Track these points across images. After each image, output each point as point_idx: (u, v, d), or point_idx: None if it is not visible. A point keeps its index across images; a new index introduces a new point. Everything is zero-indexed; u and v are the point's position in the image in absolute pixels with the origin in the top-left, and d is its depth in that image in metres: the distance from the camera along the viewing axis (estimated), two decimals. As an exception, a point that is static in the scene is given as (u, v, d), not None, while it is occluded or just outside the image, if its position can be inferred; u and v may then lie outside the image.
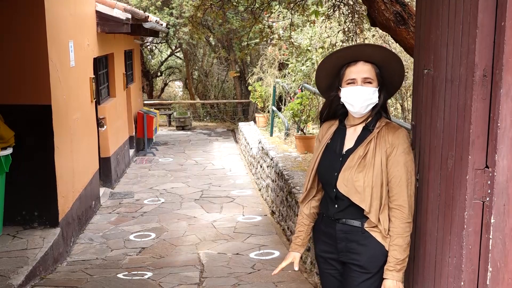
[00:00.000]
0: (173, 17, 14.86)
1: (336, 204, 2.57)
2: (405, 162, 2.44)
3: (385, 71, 2.55)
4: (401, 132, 2.50)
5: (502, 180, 1.81)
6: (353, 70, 2.51)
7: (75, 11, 6.73)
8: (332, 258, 2.65)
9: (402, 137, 2.48)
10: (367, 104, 2.50)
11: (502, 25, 1.75)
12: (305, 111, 8.69)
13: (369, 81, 2.50)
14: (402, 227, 2.43)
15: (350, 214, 2.53)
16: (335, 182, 2.53)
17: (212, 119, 18.06)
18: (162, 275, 5.28)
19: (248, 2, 7.23)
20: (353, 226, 2.53)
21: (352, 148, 2.55)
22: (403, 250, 2.43)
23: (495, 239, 1.85)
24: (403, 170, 2.43)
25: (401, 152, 2.44)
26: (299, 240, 2.81)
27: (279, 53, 12.00)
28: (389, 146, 2.46)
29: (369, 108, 2.52)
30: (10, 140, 5.30)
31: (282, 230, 6.80)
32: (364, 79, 2.49)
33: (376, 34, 8.78)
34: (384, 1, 4.21)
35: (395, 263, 2.43)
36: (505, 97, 1.77)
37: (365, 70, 2.50)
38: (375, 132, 2.51)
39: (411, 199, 2.44)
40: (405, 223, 2.43)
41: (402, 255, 2.43)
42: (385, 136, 2.49)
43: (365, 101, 2.49)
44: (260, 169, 9.05)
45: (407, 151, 2.46)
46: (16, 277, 4.60)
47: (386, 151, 2.46)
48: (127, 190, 8.97)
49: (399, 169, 2.43)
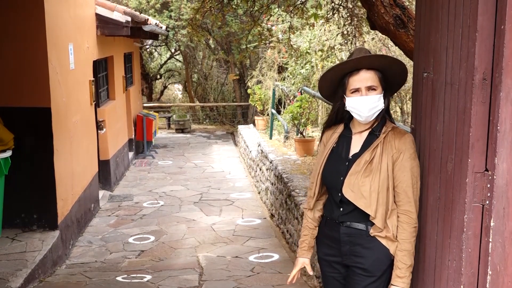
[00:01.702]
0: (172, 19, 14.88)
1: (341, 208, 2.56)
2: (411, 168, 2.43)
3: (387, 73, 2.55)
4: (407, 137, 2.49)
5: (501, 183, 1.81)
6: (356, 79, 2.50)
7: (75, 13, 6.73)
8: (335, 261, 2.64)
9: (409, 143, 2.47)
10: (373, 112, 2.50)
11: (501, 28, 1.75)
12: (305, 114, 8.69)
13: (373, 88, 2.49)
14: (410, 232, 2.43)
15: (354, 218, 2.52)
16: (341, 186, 2.52)
17: (212, 122, 18.06)
18: (161, 278, 5.27)
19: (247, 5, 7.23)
20: (358, 229, 2.52)
21: (358, 153, 2.54)
22: (411, 255, 2.43)
23: (495, 243, 1.85)
24: (409, 176, 2.43)
25: (408, 157, 2.44)
26: (305, 245, 2.79)
27: (278, 56, 12.01)
28: (395, 152, 2.46)
29: (376, 114, 2.52)
30: (9, 143, 5.29)
31: (282, 233, 6.80)
32: (368, 87, 2.49)
33: (376, 37, 8.79)
34: (384, 4, 4.21)
35: (405, 269, 2.42)
36: (505, 100, 1.77)
37: (367, 78, 2.49)
38: (382, 137, 2.50)
39: (417, 204, 2.44)
40: (413, 228, 2.43)
41: (411, 260, 2.43)
42: (391, 142, 2.48)
43: (371, 110, 2.49)
44: (259, 172, 9.05)
45: (413, 157, 2.45)
46: (15, 280, 4.59)
47: (392, 156, 2.46)
48: (126, 193, 8.96)
49: (405, 174, 2.43)
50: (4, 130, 5.29)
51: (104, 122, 8.62)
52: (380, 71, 2.52)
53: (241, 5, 7.89)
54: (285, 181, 6.72)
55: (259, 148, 9.48)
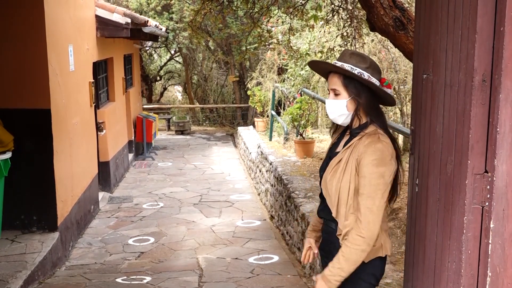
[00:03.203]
0: (172, 21, 14.89)
1: (322, 203, 2.64)
2: (368, 174, 2.37)
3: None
4: (372, 143, 2.40)
5: (501, 185, 1.81)
6: (328, 81, 2.55)
7: (74, 15, 6.74)
8: (325, 256, 2.68)
9: (372, 149, 2.39)
10: (338, 115, 2.52)
11: (501, 30, 1.76)
12: (304, 115, 8.69)
13: (337, 93, 2.49)
14: (353, 238, 2.37)
15: (328, 214, 2.56)
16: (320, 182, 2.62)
17: (211, 123, 18.06)
18: (161, 280, 5.27)
19: (247, 7, 7.24)
20: (331, 227, 2.57)
21: (338, 151, 2.57)
22: (344, 261, 2.36)
23: (495, 244, 1.85)
24: (364, 183, 2.38)
25: (366, 163, 2.38)
26: (311, 226, 2.85)
27: (278, 57, 12.02)
28: (359, 155, 2.42)
29: (342, 118, 2.52)
30: (9, 144, 5.29)
31: (281, 235, 6.79)
32: (333, 90, 2.50)
33: (375, 39, 8.80)
34: (383, 6, 4.21)
35: (331, 267, 2.40)
36: (504, 102, 1.77)
37: (333, 82, 2.50)
38: (356, 139, 2.48)
39: (371, 215, 2.35)
40: (356, 236, 2.36)
41: (341, 265, 2.37)
42: (359, 145, 2.45)
43: (334, 113, 2.52)
44: (259, 174, 9.05)
45: (375, 164, 2.37)
46: (14, 282, 4.59)
47: (357, 159, 2.43)
48: (126, 194, 8.96)
49: (361, 180, 2.40)
50: (4, 131, 5.29)
51: (104, 123, 8.62)
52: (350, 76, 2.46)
53: (241, 7, 7.90)
54: (285, 183, 6.72)
55: (259, 149, 9.49)
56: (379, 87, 2.49)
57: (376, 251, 2.48)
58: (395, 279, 3.90)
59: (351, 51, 2.56)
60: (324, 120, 10.66)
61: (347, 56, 2.51)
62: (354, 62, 2.48)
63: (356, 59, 2.49)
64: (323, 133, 10.28)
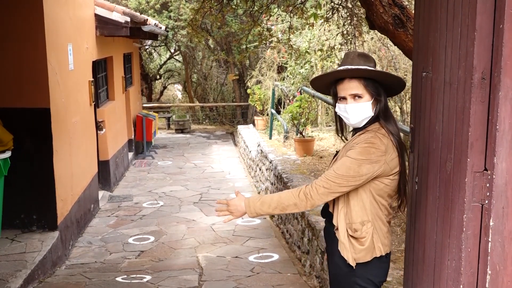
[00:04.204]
0: (172, 20, 14.88)
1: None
2: (348, 155, 2.41)
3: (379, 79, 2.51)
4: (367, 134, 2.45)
5: (501, 183, 1.81)
6: (341, 88, 2.51)
7: (74, 14, 6.73)
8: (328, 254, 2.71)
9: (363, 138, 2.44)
10: (362, 119, 2.50)
11: (500, 27, 1.75)
12: (304, 114, 8.69)
13: (358, 96, 2.47)
14: (298, 190, 2.42)
15: (328, 215, 2.59)
16: None
17: (211, 122, 18.06)
18: (161, 279, 5.27)
19: (247, 5, 7.23)
20: (331, 229, 2.58)
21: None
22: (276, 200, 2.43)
23: (494, 242, 1.84)
24: (341, 161, 2.42)
25: (353, 147, 2.43)
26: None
27: (278, 56, 12.01)
28: (352, 145, 2.46)
29: (365, 121, 2.51)
30: (8, 144, 5.29)
31: (281, 233, 6.80)
32: (353, 95, 2.47)
33: (375, 37, 8.79)
34: (383, 4, 4.21)
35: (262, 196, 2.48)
36: (504, 99, 1.76)
37: (351, 87, 2.47)
38: (357, 134, 2.51)
39: (324, 187, 2.39)
40: (302, 193, 2.40)
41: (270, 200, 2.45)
42: (356, 138, 2.48)
43: (359, 117, 2.49)
44: (259, 172, 9.05)
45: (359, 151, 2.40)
46: (14, 281, 4.59)
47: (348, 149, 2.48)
48: (126, 193, 8.96)
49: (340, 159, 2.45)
50: (4, 130, 5.28)
51: (104, 122, 8.62)
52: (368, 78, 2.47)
53: (241, 5, 7.89)
54: (284, 181, 6.72)
55: (258, 148, 9.48)
56: (392, 74, 2.51)
57: (367, 251, 2.47)
58: (395, 277, 3.90)
59: (354, 53, 2.55)
60: (324, 118, 10.66)
61: (355, 59, 2.49)
62: (363, 62, 2.48)
63: (363, 59, 2.50)
64: (323, 131, 10.28)
